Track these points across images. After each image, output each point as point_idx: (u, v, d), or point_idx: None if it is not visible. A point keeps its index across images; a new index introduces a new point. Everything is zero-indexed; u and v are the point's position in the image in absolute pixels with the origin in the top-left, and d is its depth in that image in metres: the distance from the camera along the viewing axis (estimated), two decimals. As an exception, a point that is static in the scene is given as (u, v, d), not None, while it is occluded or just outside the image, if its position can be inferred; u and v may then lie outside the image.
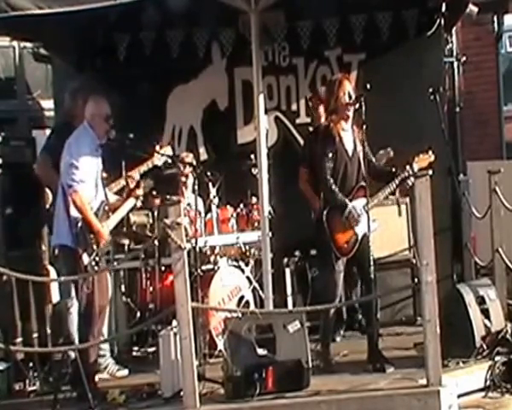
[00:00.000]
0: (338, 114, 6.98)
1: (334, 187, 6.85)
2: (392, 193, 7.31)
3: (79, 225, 6.67)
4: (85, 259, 6.64)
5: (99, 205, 6.88)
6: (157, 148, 7.63)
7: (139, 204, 7.42)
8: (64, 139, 6.95)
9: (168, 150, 7.75)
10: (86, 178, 6.74)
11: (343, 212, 6.85)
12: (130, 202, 7.23)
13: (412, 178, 6.74)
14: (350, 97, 6.94)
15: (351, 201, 6.88)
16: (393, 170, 7.05)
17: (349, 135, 7.00)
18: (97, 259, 6.70)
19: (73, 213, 6.70)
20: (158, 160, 7.62)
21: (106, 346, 7.42)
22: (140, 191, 7.27)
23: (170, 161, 7.65)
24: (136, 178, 7.38)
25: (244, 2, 7.26)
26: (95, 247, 6.68)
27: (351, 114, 6.96)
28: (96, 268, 6.68)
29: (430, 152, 7.12)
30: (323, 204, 7.00)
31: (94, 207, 6.81)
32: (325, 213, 6.91)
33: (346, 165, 6.94)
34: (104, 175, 7.16)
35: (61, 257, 6.93)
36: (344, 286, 7.17)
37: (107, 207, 6.94)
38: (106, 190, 7.06)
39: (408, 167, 6.97)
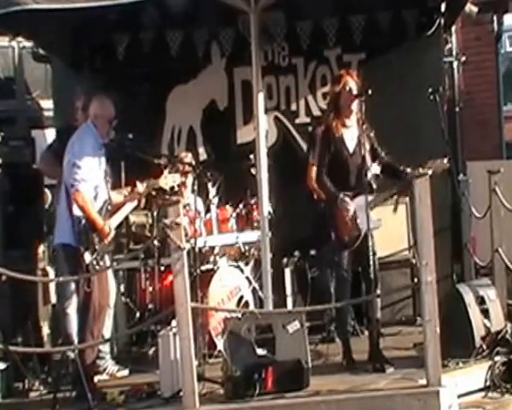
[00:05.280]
0: (339, 111, 6.96)
1: (325, 180, 6.84)
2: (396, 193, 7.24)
3: (82, 223, 6.67)
4: (87, 258, 6.63)
5: (102, 204, 6.86)
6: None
7: (142, 204, 7.42)
8: (67, 140, 6.96)
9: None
10: (88, 178, 6.73)
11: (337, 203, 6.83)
12: (133, 202, 7.21)
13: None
14: (351, 93, 6.90)
15: (354, 197, 6.82)
16: (402, 168, 6.84)
17: (352, 131, 6.96)
18: (99, 258, 6.69)
19: (76, 211, 6.68)
20: (165, 183, 7.31)
21: (106, 348, 7.40)
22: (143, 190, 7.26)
23: (176, 189, 7.52)
24: (139, 190, 7.22)
25: (244, 2, 7.26)
26: (97, 246, 6.67)
27: (354, 109, 6.91)
28: (97, 268, 6.67)
29: (445, 160, 6.84)
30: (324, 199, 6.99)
31: (96, 207, 6.80)
32: (328, 207, 6.89)
33: (346, 161, 6.90)
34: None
35: (63, 256, 6.93)
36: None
37: (109, 207, 6.92)
38: (109, 188, 7.04)
39: (421, 170, 6.60)
